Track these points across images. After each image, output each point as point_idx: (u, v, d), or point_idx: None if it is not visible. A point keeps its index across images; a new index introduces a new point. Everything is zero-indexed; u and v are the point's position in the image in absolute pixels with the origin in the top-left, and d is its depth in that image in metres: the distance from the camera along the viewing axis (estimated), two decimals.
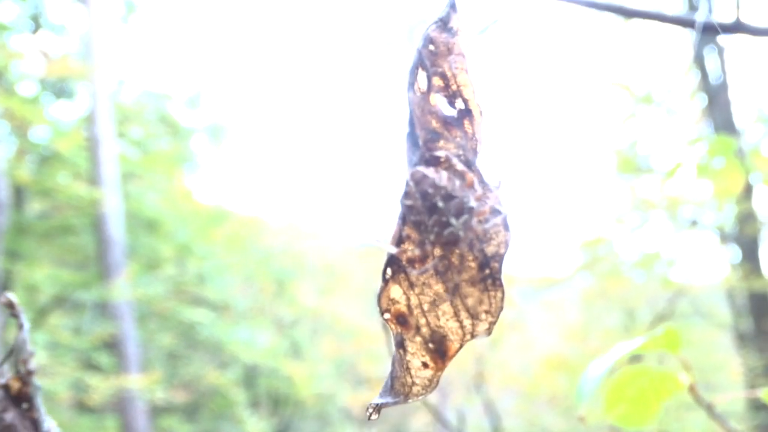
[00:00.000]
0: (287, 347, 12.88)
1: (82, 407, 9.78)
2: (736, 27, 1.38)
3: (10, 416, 0.96)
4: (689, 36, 8.13)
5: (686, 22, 1.49)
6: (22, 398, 0.98)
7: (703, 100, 8.40)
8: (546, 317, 12.99)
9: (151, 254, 10.86)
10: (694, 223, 8.68)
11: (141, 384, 9.11)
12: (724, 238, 8.55)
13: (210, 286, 11.39)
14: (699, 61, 8.07)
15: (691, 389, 1.41)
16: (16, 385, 0.98)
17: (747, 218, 7.58)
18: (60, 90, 11.14)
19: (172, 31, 19.97)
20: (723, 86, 7.93)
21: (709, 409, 1.42)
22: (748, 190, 6.64)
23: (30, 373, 0.98)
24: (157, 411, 10.54)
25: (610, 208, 9.42)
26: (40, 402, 0.98)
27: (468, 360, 10.76)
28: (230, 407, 11.49)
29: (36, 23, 10.84)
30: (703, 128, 8.44)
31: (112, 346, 9.48)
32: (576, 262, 9.77)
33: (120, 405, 9.23)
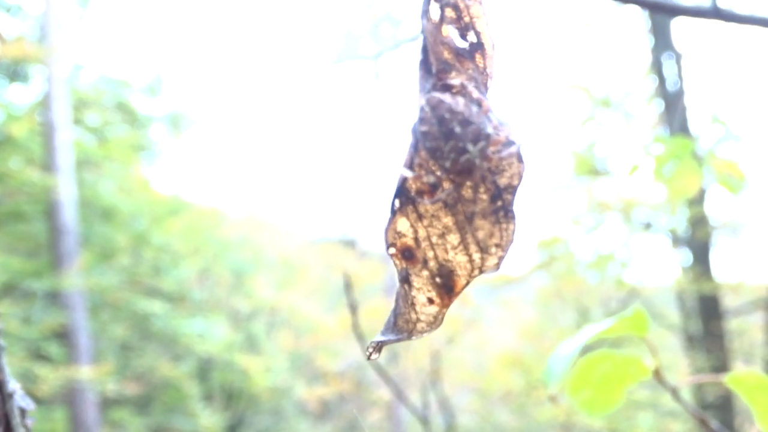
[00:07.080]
0: (243, 340, 12.77)
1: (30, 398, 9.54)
2: (714, 13, 1.38)
3: None
4: (647, 41, 8.30)
5: (664, 8, 1.51)
6: None
7: (660, 105, 8.56)
8: (502, 315, 13.13)
9: (106, 243, 10.66)
10: (648, 225, 8.88)
11: (92, 375, 8.95)
12: (676, 241, 8.74)
13: (165, 277, 11.23)
14: (657, 66, 8.21)
15: (656, 373, 1.42)
16: None
17: (699, 222, 7.78)
18: (14, 73, 10.84)
19: (132, 15, 19.58)
20: (680, 92, 8.09)
21: (674, 392, 1.44)
22: (700, 195, 6.82)
23: None
24: (108, 403, 10.36)
25: (566, 208, 9.55)
26: (4, 362, 0.94)
27: (424, 357, 10.83)
28: (183, 400, 11.35)
29: None
30: (660, 133, 8.61)
31: (63, 336, 9.29)
32: (532, 261, 9.89)
33: (69, 397, 9.05)
